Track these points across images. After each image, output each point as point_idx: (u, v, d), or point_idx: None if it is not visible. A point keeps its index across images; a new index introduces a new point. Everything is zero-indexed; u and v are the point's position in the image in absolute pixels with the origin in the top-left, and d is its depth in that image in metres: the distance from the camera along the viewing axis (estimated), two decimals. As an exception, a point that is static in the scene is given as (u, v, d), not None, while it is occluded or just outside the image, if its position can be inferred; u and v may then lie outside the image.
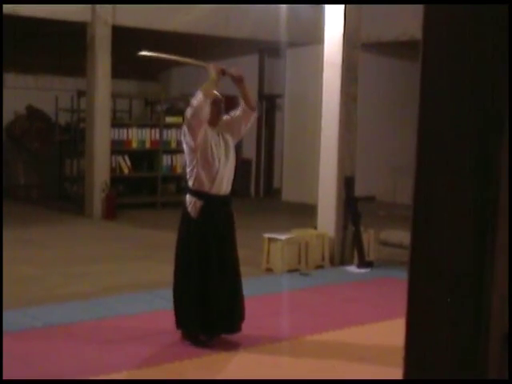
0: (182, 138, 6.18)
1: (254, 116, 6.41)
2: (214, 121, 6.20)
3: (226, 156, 6.20)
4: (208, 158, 6.06)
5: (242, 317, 6.30)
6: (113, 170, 13.83)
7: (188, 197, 6.17)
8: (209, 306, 6.06)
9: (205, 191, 6.09)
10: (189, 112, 6.05)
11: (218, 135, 6.22)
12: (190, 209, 6.13)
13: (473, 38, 1.89)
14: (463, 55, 1.91)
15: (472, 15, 1.90)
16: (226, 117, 6.40)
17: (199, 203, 6.09)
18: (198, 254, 6.07)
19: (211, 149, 6.07)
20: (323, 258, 9.44)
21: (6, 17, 10.59)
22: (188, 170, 6.18)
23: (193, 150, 6.04)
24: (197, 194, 6.12)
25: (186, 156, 6.18)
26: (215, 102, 6.19)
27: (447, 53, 1.93)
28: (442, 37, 1.94)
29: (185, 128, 6.10)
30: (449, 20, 1.93)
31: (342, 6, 9.29)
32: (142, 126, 14.83)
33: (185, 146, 6.15)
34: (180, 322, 6.18)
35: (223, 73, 6.34)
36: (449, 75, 1.94)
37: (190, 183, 6.15)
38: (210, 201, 6.10)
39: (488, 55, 1.87)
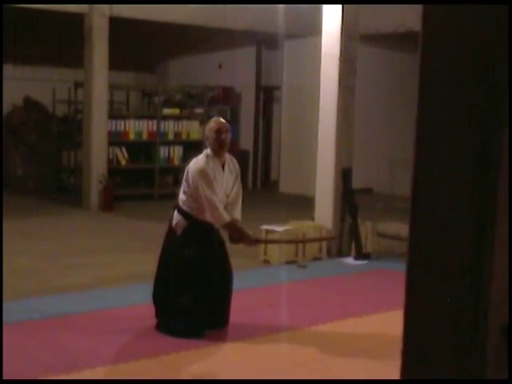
0: (187, 180, 6.12)
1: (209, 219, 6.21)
2: (218, 149, 6.16)
3: (225, 189, 6.20)
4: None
5: (225, 322, 6.40)
6: (110, 161, 13.82)
7: (175, 213, 6.22)
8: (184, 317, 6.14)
9: (193, 215, 6.13)
10: (208, 195, 5.97)
11: (223, 166, 6.21)
12: (174, 225, 6.18)
13: (472, 32, 1.89)
14: (462, 48, 1.91)
15: (471, 10, 1.89)
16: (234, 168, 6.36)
17: (184, 222, 6.15)
18: (179, 266, 6.17)
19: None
20: (320, 250, 9.44)
21: (4, 8, 10.55)
22: (182, 194, 6.19)
23: (193, 191, 6.07)
24: (185, 214, 6.15)
25: (185, 185, 6.16)
26: (219, 130, 6.15)
27: (446, 46, 1.93)
28: (441, 31, 1.94)
29: (198, 181, 5.99)
30: (448, 15, 1.93)
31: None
32: (139, 117, 14.82)
33: (185, 184, 6.15)
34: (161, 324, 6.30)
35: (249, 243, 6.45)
36: (448, 69, 1.93)
37: (181, 203, 6.17)
38: (195, 223, 6.14)
39: (487, 51, 1.87)
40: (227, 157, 6.31)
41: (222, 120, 6.33)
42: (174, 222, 6.21)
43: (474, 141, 1.90)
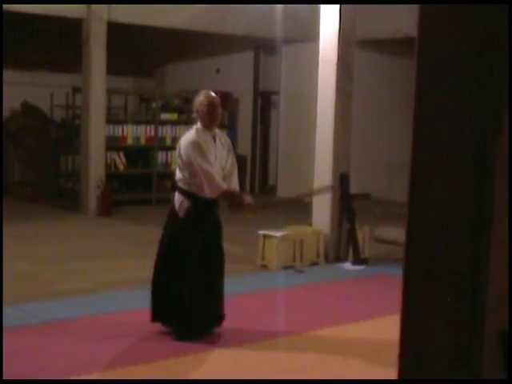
0: (180, 156, 6.13)
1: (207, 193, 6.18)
2: (209, 123, 6.16)
3: (219, 161, 6.19)
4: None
5: (220, 317, 6.32)
6: (108, 166, 13.82)
7: (177, 195, 6.18)
8: (187, 305, 6.09)
9: (194, 193, 6.10)
10: (203, 165, 5.97)
11: (214, 139, 6.21)
12: (177, 207, 6.15)
13: (469, 35, 1.90)
14: (459, 53, 1.91)
15: (467, 13, 1.90)
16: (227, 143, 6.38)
17: (187, 203, 6.10)
18: (180, 253, 6.12)
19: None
20: (318, 255, 9.44)
21: (3, 12, 10.56)
22: (179, 172, 6.17)
23: (187, 165, 6.06)
24: (185, 193, 6.12)
25: (179, 161, 6.16)
26: (211, 104, 6.14)
27: (443, 51, 1.94)
28: (437, 35, 1.94)
29: (191, 153, 5.99)
30: (444, 18, 1.93)
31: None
32: (137, 122, 14.82)
33: (179, 160, 6.15)
34: (155, 315, 6.25)
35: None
36: (445, 73, 1.94)
37: (180, 183, 6.15)
38: (198, 202, 6.11)
39: (485, 53, 1.88)
40: (217, 131, 6.29)
41: (212, 93, 6.25)
42: (176, 205, 6.15)
43: (470, 145, 1.90)
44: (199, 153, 5.98)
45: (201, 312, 6.14)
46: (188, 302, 6.09)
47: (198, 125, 6.16)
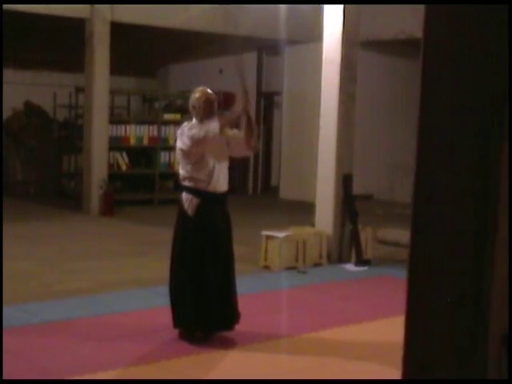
0: (181, 141, 6.13)
1: (246, 154, 6.25)
2: (206, 118, 6.17)
3: (221, 154, 6.20)
4: (204, 158, 6.07)
5: (237, 315, 6.30)
6: (111, 166, 13.82)
7: (184, 194, 6.16)
8: (203, 304, 6.07)
9: (201, 189, 6.08)
10: (203, 135, 5.99)
11: None
12: (186, 206, 6.12)
13: (473, 36, 1.89)
14: (463, 54, 1.91)
15: (472, 14, 1.89)
16: (231, 130, 6.38)
17: (196, 201, 6.09)
18: (193, 252, 6.08)
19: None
20: (321, 256, 9.43)
21: (4, 12, 10.56)
22: (183, 169, 6.16)
23: (190, 155, 6.05)
24: (193, 191, 6.11)
25: (181, 156, 6.16)
26: (208, 101, 6.17)
27: (448, 51, 1.93)
28: (442, 36, 1.94)
29: (188, 135, 6.02)
30: (449, 18, 1.93)
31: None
32: (139, 122, 14.81)
33: (179, 151, 6.15)
34: (177, 321, 6.18)
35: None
36: (449, 74, 1.93)
37: (186, 181, 6.14)
38: (206, 198, 6.09)
39: (488, 54, 1.87)
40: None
41: (208, 90, 6.32)
42: (185, 204, 6.13)
43: (474, 146, 1.89)
44: (194, 130, 6.03)
45: (213, 312, 6.12)
46: (201, 302, 6.07)
47: (194, 120, 6.20)
